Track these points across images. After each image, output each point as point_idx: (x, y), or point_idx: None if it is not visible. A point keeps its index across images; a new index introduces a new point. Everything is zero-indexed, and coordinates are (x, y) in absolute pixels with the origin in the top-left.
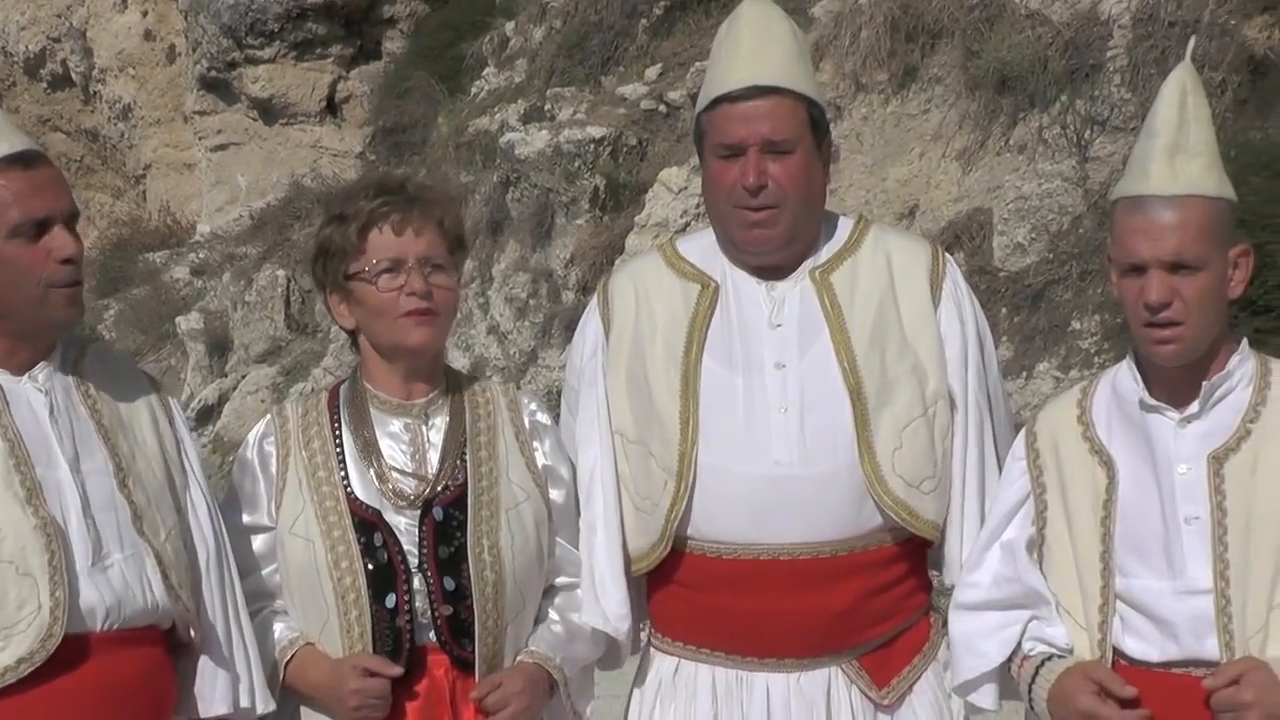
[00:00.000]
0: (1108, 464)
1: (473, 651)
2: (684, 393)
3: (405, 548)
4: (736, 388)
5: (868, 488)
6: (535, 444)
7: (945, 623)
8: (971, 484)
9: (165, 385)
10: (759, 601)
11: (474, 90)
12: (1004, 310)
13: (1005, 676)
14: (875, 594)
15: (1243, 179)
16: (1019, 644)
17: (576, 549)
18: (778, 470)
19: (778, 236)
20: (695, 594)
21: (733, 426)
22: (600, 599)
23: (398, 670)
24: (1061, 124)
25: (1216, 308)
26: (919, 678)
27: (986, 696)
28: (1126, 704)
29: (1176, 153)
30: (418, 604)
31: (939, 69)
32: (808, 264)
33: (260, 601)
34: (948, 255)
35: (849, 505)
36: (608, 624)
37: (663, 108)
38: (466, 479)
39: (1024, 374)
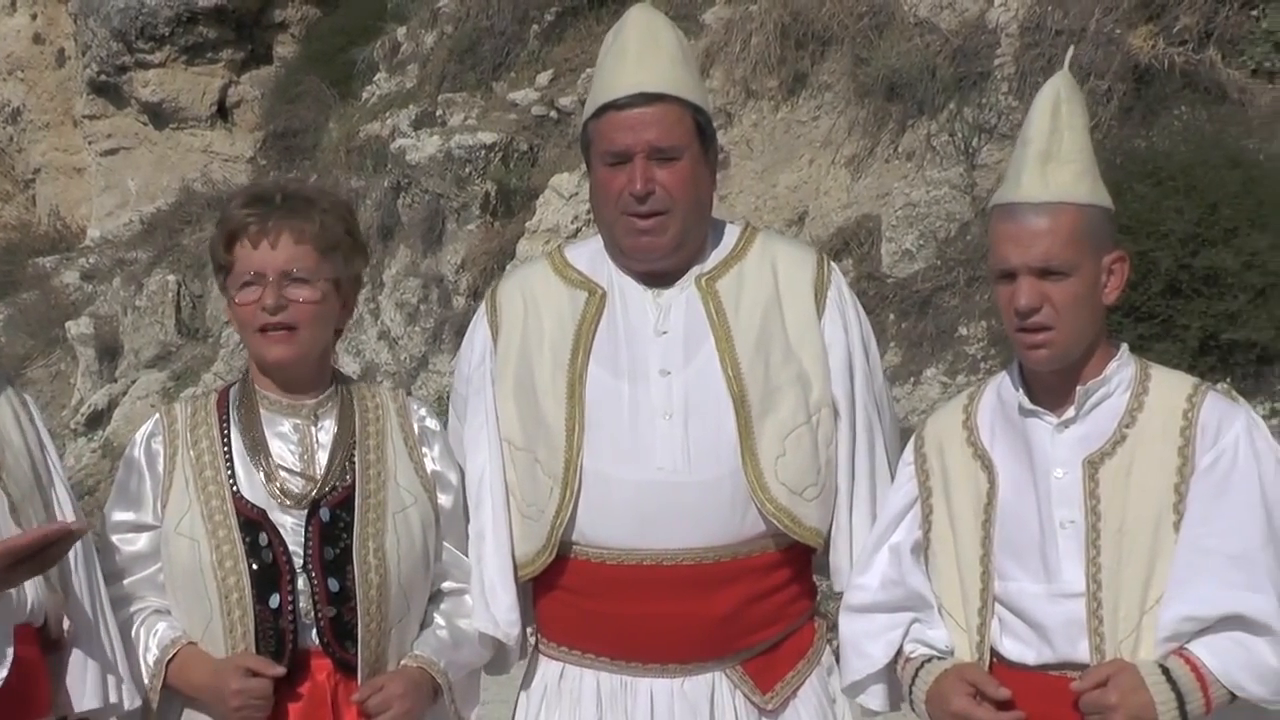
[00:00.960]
0: (989, 468)
1: (355, 654)
2: (570, 399)
3: (290, 548)
4: (622, 394)
5: (751, 494)
6: (424, 449)
7: (831, 627)
8: (862, 490)
9: (56, 391)
10: (643, 607)
11: (365, 95)
12: (892, 316)
13: (894, 678)
14: (759, 600)
15: (1127, 186)
16: (902, 646)
17: (463, 554)
18: (662, 476)
19: (666, 243)
20: (580, 599)
21: (618, 433)
22: (490, 605)
23: (280, 670)
24: (949, 131)
25: (1089, 313)
26: (803, 683)
27: (875, 698)
28: (1001, 705)
29: (1048, 160)
30: (301, 605)
31: (829, 76)
32: (694, 271)
33: (143, 601)
34: (833, 264)
35: (732, 512)
36: (498, 629)
37: (554, 113)
38: (354, 481)
39: (912, 380)
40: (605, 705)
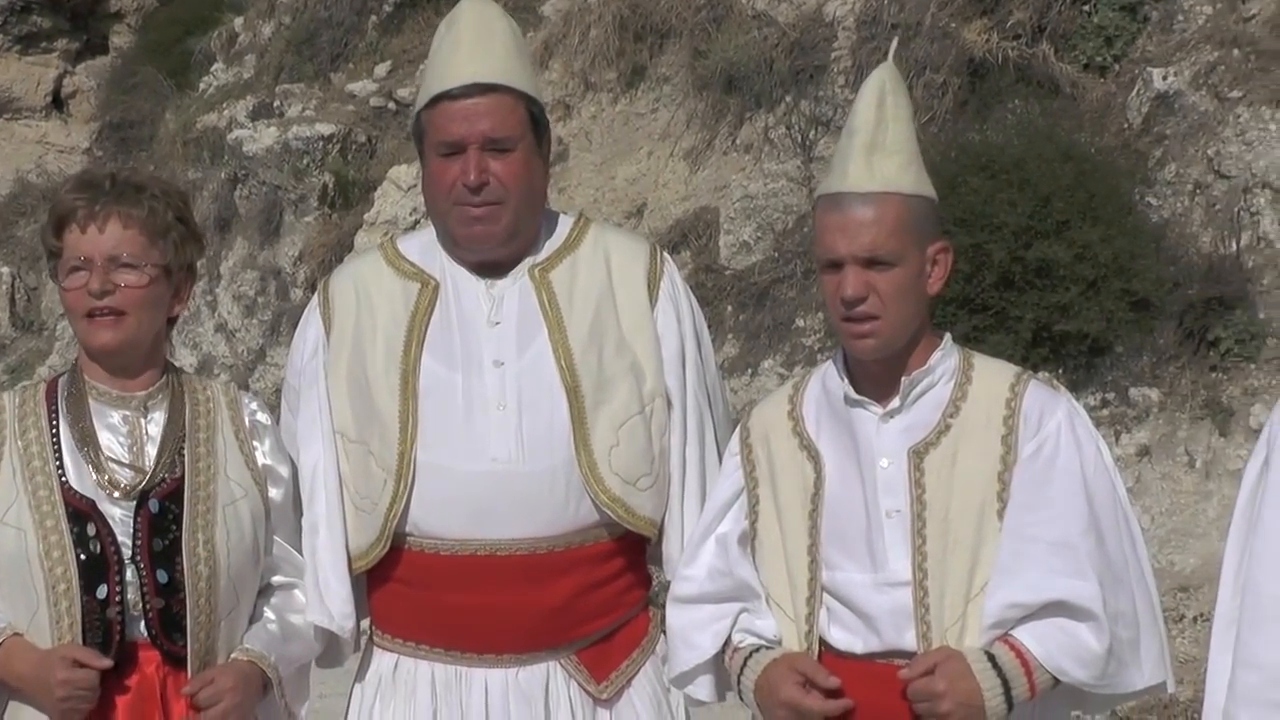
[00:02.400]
0: (815, 459)
1: (184, 647)
2: (403, 391)
3: (119, 539)
4: (455, 386)
5: (584, 485)
6: (255, 443)
7: (665, 617)
8: (691, 481)
9: None
10: (477, 597)
11: (202, 86)
12: (730, 308)
13: (721, 669)
14: (593, 589)
15: (961, 180)
16: (730, 636)
17: (294, 548)
18: (496, 467)
19: (499, 233)
20: (414, 591)
21: (451, 424)
22: (324, 598)
23: (107, 662)
24: (787, 124)
25: (914, 303)
26: (638, 671)
27: (703, 689)
28: (830, 694)
29: (874, 151)
30: (129, 596)
31: (667, 68)
32: (527, 262)
33: None
34: (666, 255)
35: (566, 502)
36: (332, 623)
37: (392, 105)
38: (184, 473)
39: (749, 371)
40: (440, 696)
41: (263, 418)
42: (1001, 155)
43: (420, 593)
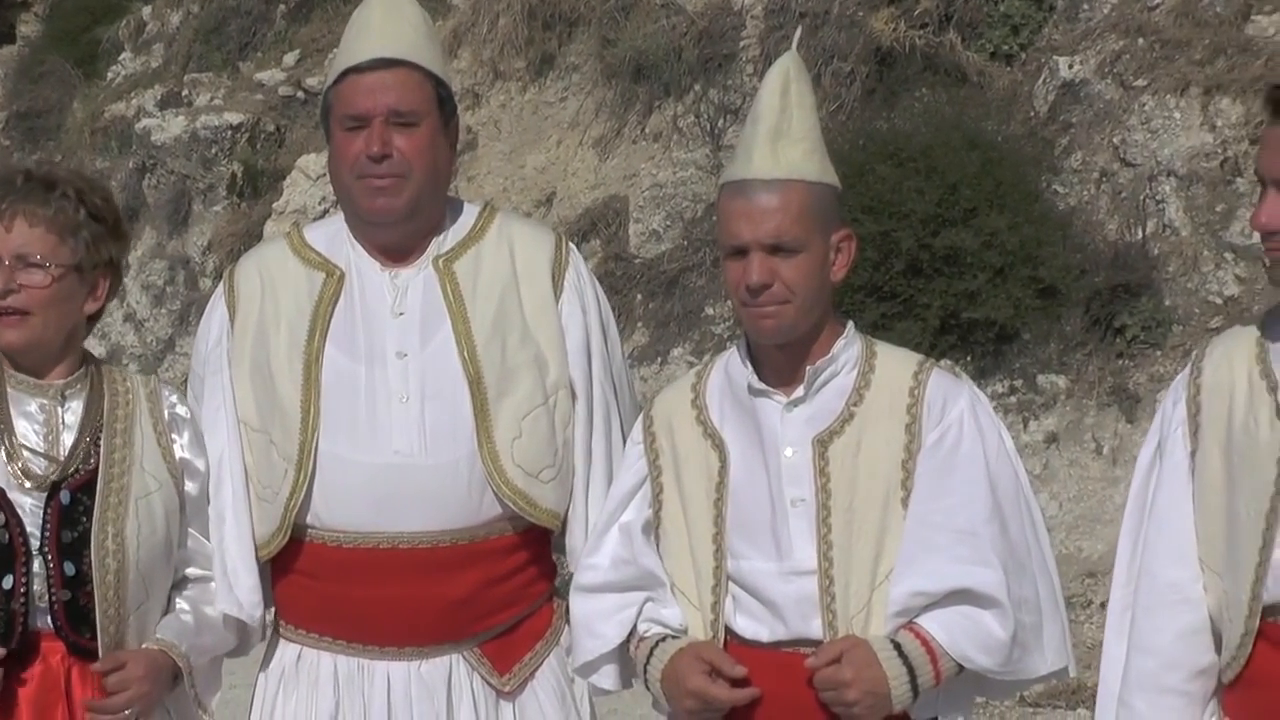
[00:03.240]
0: (720, 447)
1: (90, 639)
2: (306, 381)
3: (28, 529)
4: (358, 377)
5: (486, 477)
6: (174, 435)
7: (570, 607)
8: (596, 472)
9: None
10: (378, 590)
11: (110, 75)
12: (639, 296)
13: (626, 658)
14: (496, 582)
15: (869, 168)
16: (635, 625)
17: (209, 541)
18: (398, 460)
19: (401, 206)
20: (316, 582)
21: (353, 416)
22: (234, 587)
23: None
24: (695, 113)
25: (818, 289)
26: (541, 664)
27: (607, 678)
28: (736, 683)
29: (779, 138)
30: (35, 587)
31: (576, 57)
32: (431, 252)
33: None
34: (571, 245)
35: (469, 495)
36: (242, 611)
37: (301, 94)
38: (98, 464)
39: (659, 360)
40: (342, 688)
41: (182, 411)
42: (909, 143)
43: (322, 584)
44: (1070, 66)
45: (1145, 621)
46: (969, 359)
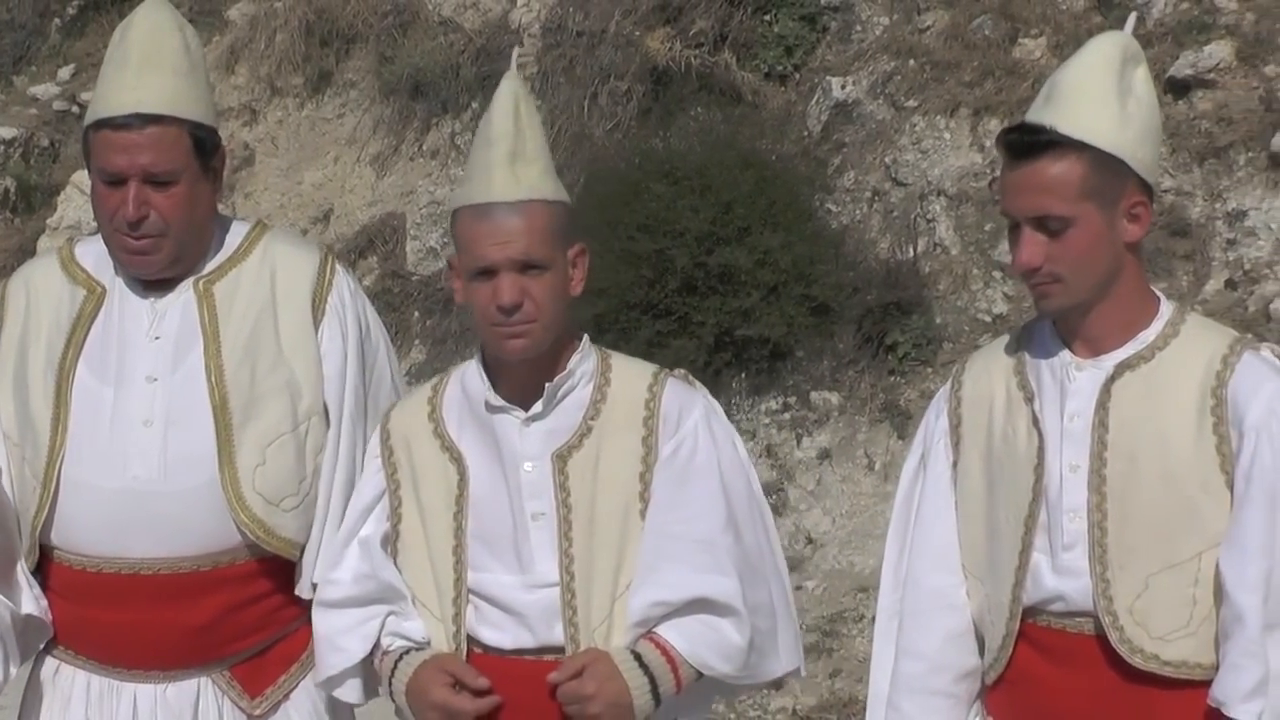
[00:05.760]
0: (458, 460)
1: None
2: (56, 400)
3: None
4: (105, 399)
5: (225, 505)
6: None
7: None
8: (336, 502)
9: None
10: (121, 615)
11: None
12: (416, 314)
13: (370, 670)
14: (241, 608)
15: (645, 186)
16: (379, 639)
17: None
18: (137, 485)
19: (158, 262)
20: (65, 603)
21: (97, 439)
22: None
23: None
24: (473, 130)
25: (563, 305)
26: (296, 686)
27: (352, 691)
28: (480, 693)
29: (516, 160)
30: None
31: (353, 74)
32: (194, 275)
33: None
34: (339, 266)
35: (209, 522)
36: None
37: (75, 108)
38: None
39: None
40: (93, 706)
41: None
42: (684, 162)
43: (70, 605)
44: (843, 87)
45: (912, 626)
46: (743, 376)
